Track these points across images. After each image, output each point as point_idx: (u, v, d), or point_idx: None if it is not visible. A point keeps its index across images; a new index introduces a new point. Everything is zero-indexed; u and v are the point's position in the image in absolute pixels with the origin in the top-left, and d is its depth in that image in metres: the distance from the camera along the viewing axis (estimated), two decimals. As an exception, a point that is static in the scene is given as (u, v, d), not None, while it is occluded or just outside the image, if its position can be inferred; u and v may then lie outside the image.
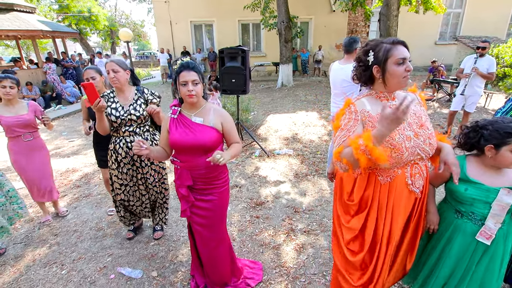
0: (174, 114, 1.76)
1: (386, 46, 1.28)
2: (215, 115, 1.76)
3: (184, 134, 1.69)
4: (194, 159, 1.72)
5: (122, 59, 2.25)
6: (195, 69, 1.66)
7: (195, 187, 1.80)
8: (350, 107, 1.35)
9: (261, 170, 4.09)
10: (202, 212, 1.83)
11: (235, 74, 4.33)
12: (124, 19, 28.81)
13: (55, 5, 21.67)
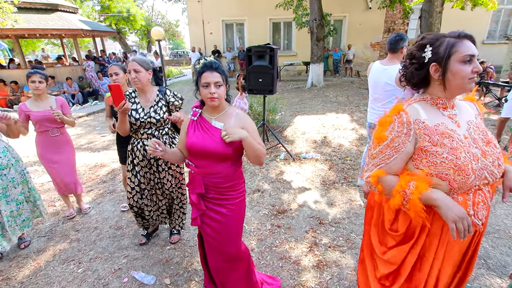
0: (194, 116, 1.65)
1: (450, 40, 1.06)
2: (237, 121, 1.61)
3: (201, 138, 1.57)
4: (209, 165, 1.59)
5: (145, 58, 2.13)
6: (219, 70, 1.53)
7: (207, 195, 1.66)
8: (400, 116, 1.11)
9: (285, 175, 3.88)
10: (214, 223, 1.68)
11: (263, 73, 4.16)
12: (160, 19, 29.87)
13: (97, 6, 22.97)
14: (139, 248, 2.58)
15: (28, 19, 8.71)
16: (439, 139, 1.07)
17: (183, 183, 2.45)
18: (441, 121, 1.11)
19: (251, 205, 3.18)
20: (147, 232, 2.67)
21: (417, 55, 1.12)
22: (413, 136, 1.09)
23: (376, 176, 1.11)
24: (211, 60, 1.56)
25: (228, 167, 1.61)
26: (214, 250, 1.73)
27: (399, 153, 1.09)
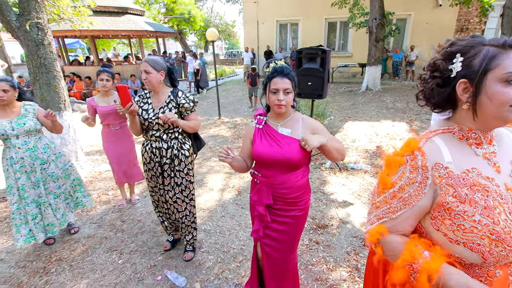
0: (259, 124, 1.61)
1: (490, 50, 0.75)
2: (305, 126, 1.53)
3: (268, 147, 1.52)
4: (277, 175, 1.54)
5: (158, 59, 2.07)
6: (289, 76, 1.46)
7: (274, 206, 1.60)
8: (414, 157, 0.82)
9: (329, 185, 3.63)
10: (275, 234, 1.64)
11: (312, 77, 3.95)
12: (218, 20, 31.06)
13: (162, 9, 24.75)
14: (175, 246, 2.61)
15: (103, 21, 9.71)
16: (469, 193, 0.76)
17: (194, 193, 2.34)
18: (472, 165, 0.80)
19: (289, 215, 3.02)
20: (173, 238, 2.61)
21: (442, 67, 0.83)
22: (431, 186, 0.80)
23: (377, 234, 0.86)
24: (282, 64, 1.50)
25: (296, 176, 1.54)
26: (275, 261, 1.68)
27: (409, 208, 0.82)
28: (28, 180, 2.41)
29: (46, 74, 3.92)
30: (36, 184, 2.44)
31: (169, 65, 2.16)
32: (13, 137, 2.31)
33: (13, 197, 2.39)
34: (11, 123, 2.29)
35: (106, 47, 24.45)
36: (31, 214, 2.44)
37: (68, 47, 16.34)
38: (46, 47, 3.85)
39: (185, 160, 2.19)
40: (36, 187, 2.44)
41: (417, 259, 0.77)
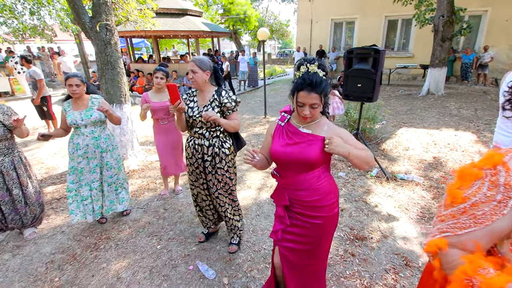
0: (282, 121, 1.56)
1: None
2: (328, 131, 1.46)
3: (285, 145, 1.48)
4: (294, 175, 1.49)
5: (204, 59, 2.12)
6: (318, 90, 1.33)
7: (293, 209, 1.54)
8: (496, 172, 0.72)
9: (373, 195, 3.39)
10: (294, 238, 1.56)
11: (363, 78, 3.73)
12: (273, 19, 31.21)
13: (220, 10, 25.76)
14: (209, 239, 2.70)
15: (164, 23, 10.47)
16: None
17: (234, 189, 2.36)
18: None
19: (326, 222, 2.90)
20: (208, 231, 2.70)
21: None
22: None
23: (436, 246, 0.78)
24: (313, 71, 1.35)
25: (313, 177, 1.46)
26: (292, 265, 1.61)
27: (479, 228, 0.70)
28: (87, 165, 2.70)
29: (111, 70, 4.36)
30: (93, 169, 2.72)
31: (215, 65, 2.20)
32: (82, 126, 2.63)
33: (72, 178, 2.71)
34: (81, 114, 2.61)
35: (168, 46, 26.36)
36: (83, 196, 2.73)
37: (135, 46, 18.01)
38: (113, 46, 4.28)
39: (226, 158, 2.23)
40: (92, 172, 2.72)
41: (479, 274, 0.68)
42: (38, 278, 2.29)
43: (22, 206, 2.62)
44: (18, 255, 2.56)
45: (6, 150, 2.50)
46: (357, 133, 4.22)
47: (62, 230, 2.92)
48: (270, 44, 41.24)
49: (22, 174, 2.60)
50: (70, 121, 2.58)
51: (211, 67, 2.14)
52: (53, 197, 3.58)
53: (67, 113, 2.60)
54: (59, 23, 11.46)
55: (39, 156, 5.04)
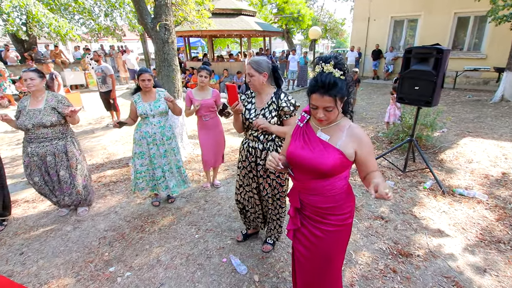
0: (301, 121, 1.50)
1: None
2: (349, 137, 1.35)
3: (300, 147, 1.42)
4: (306, 179, 1.43)
5: (261, 61, 2.03)
6: (332, 93, 1.23)
7: (305, 212, 1.51)
8: None
9: (424, 209, 3.09)
10: (306, 242, 1.53)
11: (421, 80, 3.41)
12: (327, 18, 30.33)
13: (274, 9, 25.85)
14: (246, 240, 2.73)
15: (220, 22, 10.88)
16: None
17: (282, 195, 2.27)
18: None
19: (367, 232, 2.73)
20: (246, 232, 2.69)
21: None
22: None
23: None
24: (328, 73, 1.25)
25: (327, 185, 1.39)
26: (304, 269, 1.60)
27: None
28: (158, 151, 3.01)
29: (167, 67, 4.67)
30: (163, 154, 3.04)
31: (274, 65, 2.10)
32: (151, 116, 2.92)
33: (144, 161, 3.02)
34: (150, 105, 2.90)
35: (222, 45, 27.33)
36: (157, 176, 3.08)
37: (192, 45, 19.07)
38: (170, 44, 4.57)
39: None
40: (163, 157, 3.05)
41: None
42: (91, 251, 2.57)
43: (68, 186, 2.93)
44: (78, 229, 2.90)
45: (61, 135, 2.82)
46: (411, 140, 3.89)
47: (116, 210, 3.23)
48: (323, 43, 40.13)
49: (72, 157, 2.90)
50: (141, 111, 2.86)
51: (269, 68, 2.05)
52: (111, 180, 3.98)
53: (137, 104, 2.88)
54: (127, 23, 12.67)
55: (102, 142, 5.64)
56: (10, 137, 6.09)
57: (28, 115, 2.64)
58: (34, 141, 2.71)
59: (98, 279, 2.25)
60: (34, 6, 7.47)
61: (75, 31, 9.03)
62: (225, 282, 2.19)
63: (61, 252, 2.57)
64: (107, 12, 11.55)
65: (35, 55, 10.95)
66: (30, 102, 2.70)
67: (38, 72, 2.69)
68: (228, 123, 7.26)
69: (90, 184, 3.18)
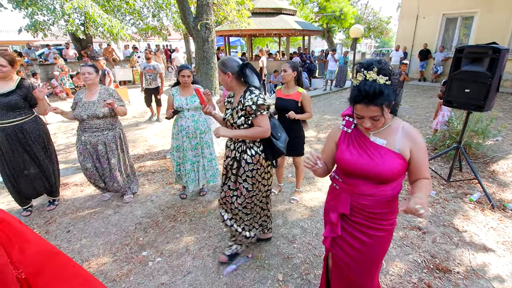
0: (347, 127, 1.42)
1: None
2: (404, 137, 1.29)
3: (357, 156, 1.34)
4: (361, 185, 1.36)
5: (226, 60, 1.96)
6: (378, 102, 1.16)
7: (351, 217, 1.43)
8: None
9: (468, 223, 2.83)
10: (350, 249, 1.47)
11: (473, 82, 3.12)
12: (371, 16, 29.01)
13: (316, 8, 25.36)
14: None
15: (259, 22, 10.96)
16: None
17: (250, 203, 2.12)
18: None
19: (401, 243, 2.57)
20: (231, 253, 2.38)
21: None
22: None
23: None
24: (371, 80, 1.17)
25: (384, 191, 1.33)
26: (345, 278, 1.54)
27: None
28: (189, 144, 3.14)
29: (206, 65, 4.83)
30: (194, 147, 3.16)
31: (242, 63, 1.96)
32: (186, 110, 3.05)
33: (180, 154, 3.17)
34: (186, 99, 3.04)
35: (261, 45, 27.50)
36: (187, 170, 3.19)
37: (231, 44, 19.45)
38: (210, 43, 4.72)
39: (246, 166, 2.02)
40: (194, 149, 3.17)
41: None
42: (127, 235, 2.75)
43: (117, 174, 3.16)
44: (118, 213, 3.13)
45: (111, 126, 3.05)
46: (458, 147, 3.59)
47: (152, 199, 3.42)
48: (366, 42, 38.47)
49: (119, 147, 3.13)
50: (177, 104, 3.01)
51: (233, 68, 1.94)
52: (149, 170, 4.22)
53: (175, 98, 3.04)
54: (172, 23, 13.32)
55: (144, 135, 6.01)
56: (65, 126, 6.75)
57: (84, 106, 2.90)
58: (87, 130, 2.96)
59: (132, 261, 2.41)
60: (91, 8, 8.17)
61: (125, 31, 9.71)
62: (249, 277, 2.22)
63: (102, 233, 2.79)
64: (154, 13, 12.25)
65: (90, 52, 11.98)
66: (85, 94, 2.96)
67: (94, 67, 2.95)
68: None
69: (133, 173, 3.42)
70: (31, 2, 9.13)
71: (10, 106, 2.68)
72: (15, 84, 2.73)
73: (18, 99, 2.71)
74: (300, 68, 2.91)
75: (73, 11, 8.25)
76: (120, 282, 2.20)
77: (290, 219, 2.96)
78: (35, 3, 9.15)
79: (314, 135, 5.78)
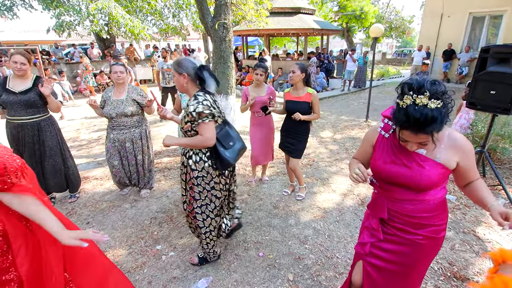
0: (385, 131, 1.32)
1: None
2: (450, 148, 1.20)
3: (390, 162, 1.27)
4: (398, 191, 1.30)
5: (183, 60, 1.89)
6: (429, 130, 1.05)
7: (390, 223, 1.36)
8: None
9: (491, 231, 2.71)
10: (386, 255, 1.38)
11: (499, 84, 2.98)
12: (394, 15, 28.21)
13: (335, 7, 24.97)
14: (284, 232, 2.74)
15: (278, 21, 10.93)
16: None
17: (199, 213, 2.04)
18: None
19: (417, 247, 2.50)
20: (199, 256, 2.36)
21: None
22: None
23: None
24: (422, 106, 1.04)
25: (424, 197, 1.26)
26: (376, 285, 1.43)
27: None
28: None
29: (223, 64, 4.88)
30: None
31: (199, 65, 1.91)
32: None
33: None
34: None
35: (279, 44, 27.41)
36: None
37: (249, 44, 19.50)
38: (227, 42, 4.77)
39: (191, 172, 1.95)
40: None
41: None
42: (143, 228, 2.84)
43: (142, 169, 3.26)
44: (134, 207, 3.23)
45: (137, 123, 3.15)
46: (481, 151, 3.44)
47: (167, 195, 3.50)
48: (387, 42, 37.45)
49: (145, 144, 3.24)
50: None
51: (188, 68, 1.86)
52: (166, 167, 4.32)
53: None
54: (192, 23, 13.54)
55: (162, 132, 6.15)
56: (88, 122, 7.02)
57: (113, 105, 3.01)
58: (116, 128, 3.08)
59: (146, 254, 2.48)
60: (114, 9, 8.45)
61: (146, 31, 9.96)
62: (259, 276, 2.23)
63: (119, 226, 2.89)
64: (174, 13, 12.51)
65: (113, 52, 12.40)
66: (114, 93, 3.07)
67: (124, 67, 3.06)
68: (280, 121, 7.30)
69: (153, 169, 3.52)
70: (59, 3, 9.57)
71: (29, 104, 2.80)
72: (31, 82, 2.84)
73: (35, 96, 2.81)
74: (308, 69, 2.88)
75: (97, 12, 8.57)
76: (135, 274, 2.27)
77: (302, 220, 2.94)
78: (62, 4, 9.58)
79: (330, 136, 5.71)
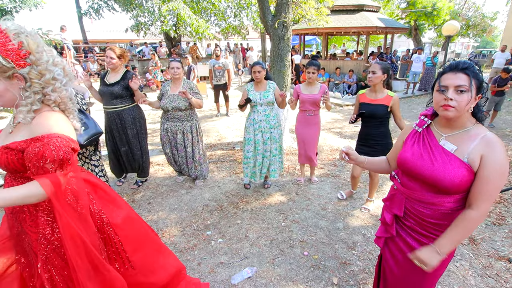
0: (419, 126, 1.34)
1: None
2: (480, 146, 1.13)
3: (418, 156, 1.25)
4: (419, 191, 1.27)
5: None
6: (467, 71, 1.11)
7: (405, 221, 1.37)
8: None
9: None
10: (399, 255, 1.40)
11: None
12: (472, 12, 25.01)
13: (403, 4, 23.12)
14: (331, 234, 2.69)
15: (338, 19, 10.57)
16: None
17: None
18: None
19: (483, 272, 2.23)
20: None
21: None
22: None
23: None
24: (464, 60, 1.17)
25: (444, 202, 1.21)
26: (394, 280, 1.47)
27: None
28: (262, 138, 3.30)
29: (280, 62, 4.93)
30: (265, 141, 3.30)
31: None
32: (259, 104, 3.21)
33: (250, 147, 3.35)
34: (260, 94, 3.20)
35: (338, 43, 26.44)
36: (259, 162, 3.37)
37: (307, 43, 19.23)
38: (285, 41, 4.80)
39: None
40: (265, 144, 3.31)
41: None
42: (195, 214, 3.05)
43: (191, 161, 3.49)
44: (189, 193, 3.48)
45: (189, 117, 3.37)
46: None
47: (219, 185, 3.69)
48: (463, 42, 33.40)
49: (195, 137, 3.44)
50: (252, 99, 3.19)
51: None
52: (219, 159, 4.55)
53: (249, 92, 3.22)
54: (252, 23, 13.88)
55: (217, 126, 6.47)
56: (154, 114, 7.74)
57: (169, 98, 3.29)
58: (170, 119, 3.36)
59: (197, 237, 2.66)
60: (182, 10, 9.11)
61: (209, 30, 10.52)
62: (303, 274, 2.23)
63: (175, 209, 3.15)
64: (236, 13, 12.97)
65: (178, 50, 13.38)
66: (171, 87, 3.35)
67: (181, 63, 3.32)
68: (331, 122, 7.11)
69: (205, 161, 3.74)
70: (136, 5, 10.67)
71: (113, 95, 3.18)
72: (120, 76, 3.24)
73: (121, 89, 3.18)
74: (390, 71, 2.70)
75: (168, 13, 9.34)
76: (186, 254, 2.46)
77: (351, 225, 2.84)
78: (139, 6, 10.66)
79: (388, 141, 5.36)
